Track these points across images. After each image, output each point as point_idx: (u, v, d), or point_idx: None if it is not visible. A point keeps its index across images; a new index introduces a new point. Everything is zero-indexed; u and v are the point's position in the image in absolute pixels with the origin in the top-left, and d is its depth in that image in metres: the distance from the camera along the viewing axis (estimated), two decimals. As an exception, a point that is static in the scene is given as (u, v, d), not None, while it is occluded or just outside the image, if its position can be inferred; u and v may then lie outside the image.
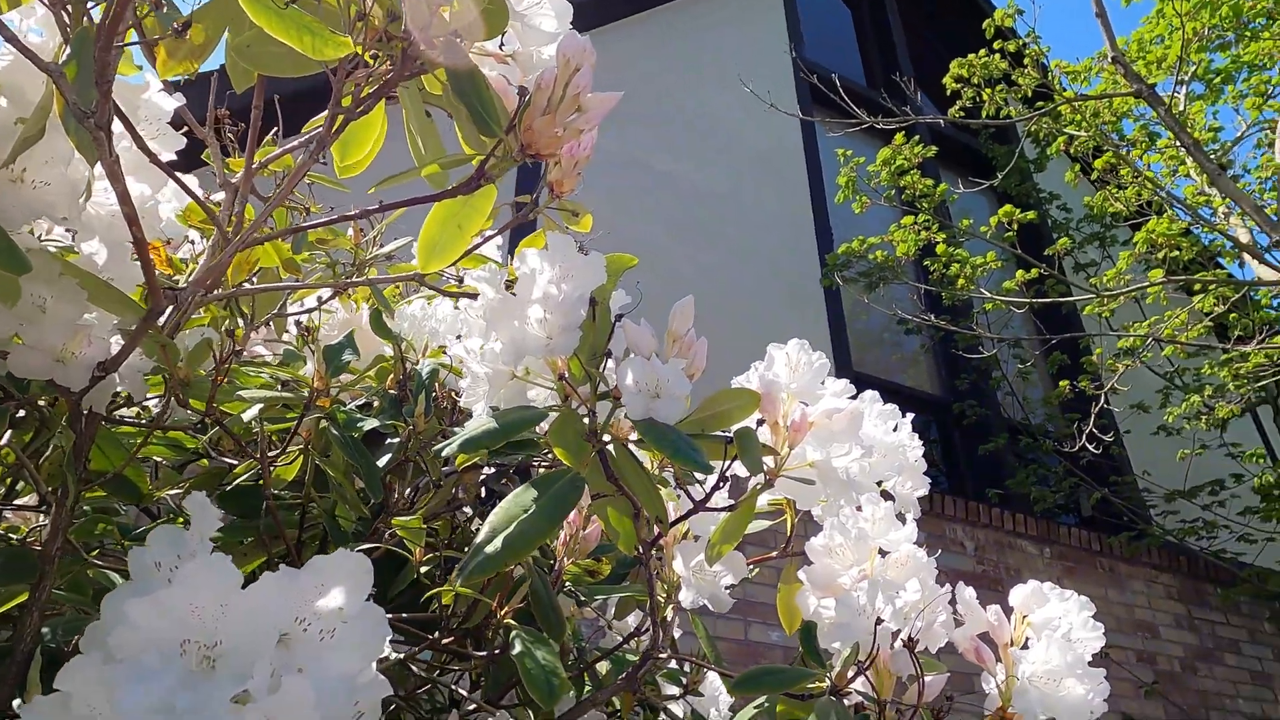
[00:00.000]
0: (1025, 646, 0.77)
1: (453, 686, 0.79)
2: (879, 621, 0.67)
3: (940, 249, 3.62)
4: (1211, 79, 4.35)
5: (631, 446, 0.75)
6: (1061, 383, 3.87)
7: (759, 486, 0.75)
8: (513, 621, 0.72)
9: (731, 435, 0.69)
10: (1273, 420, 4.58)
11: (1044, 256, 3.67)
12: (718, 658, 0.85)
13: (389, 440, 0.96)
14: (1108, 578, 4.22)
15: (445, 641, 0.73)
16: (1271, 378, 3.66)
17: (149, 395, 0.78)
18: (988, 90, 3.38)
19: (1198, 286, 3.61)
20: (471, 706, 0.73)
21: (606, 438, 0.73)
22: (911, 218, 3.61)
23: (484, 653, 0.74)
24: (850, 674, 0.68)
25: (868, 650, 0.68)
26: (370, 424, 0.81)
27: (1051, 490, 4.23)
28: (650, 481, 0.75)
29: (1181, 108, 3.98)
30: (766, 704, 0.78)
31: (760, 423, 0.74)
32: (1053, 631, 0.73)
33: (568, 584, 0.93)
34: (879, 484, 0.99)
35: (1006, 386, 4.37)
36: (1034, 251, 4.00)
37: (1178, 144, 3.32)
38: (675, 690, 0.96)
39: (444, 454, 0.65)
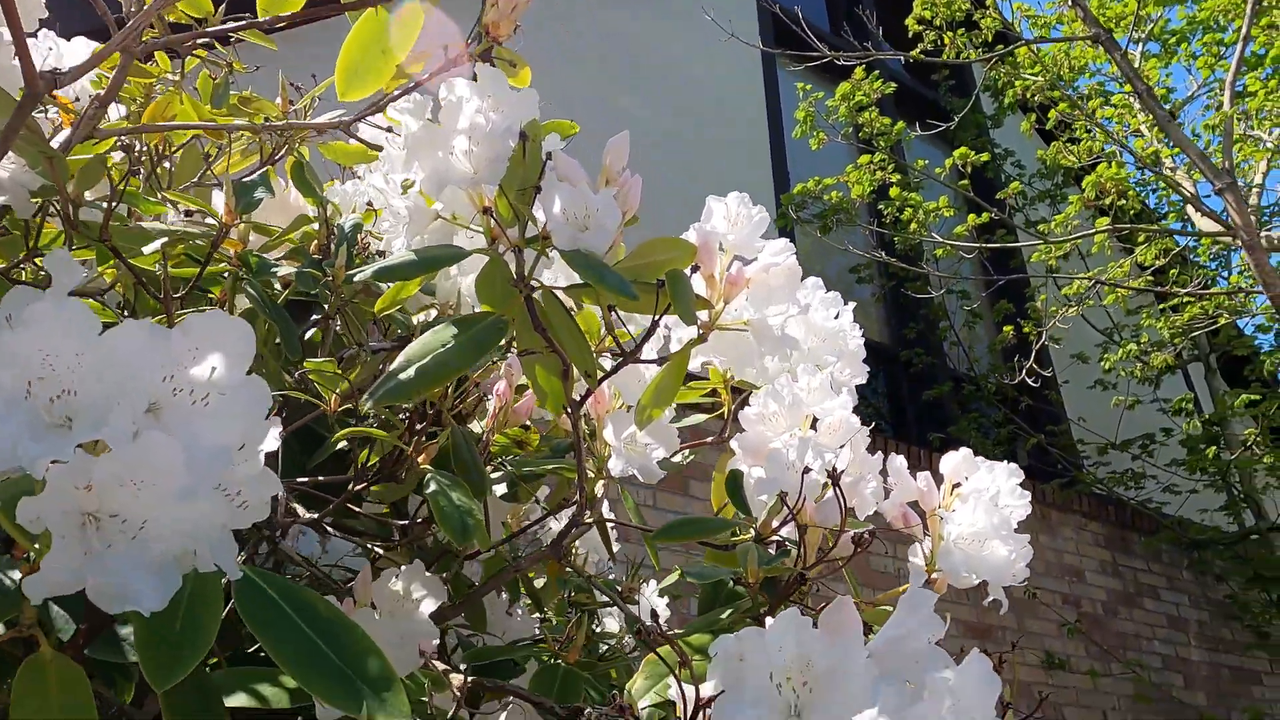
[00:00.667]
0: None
1: (372, 546, 0.76)
2: (806, 471, 0.65)
3: (894, 192, 3.62)
4: (1167, 39, 4.39)
5: (560, 296, 0.72)
6: (1006, 328, 3.94)
7: (692, 340, 0.73)
8: (429, 467, 0.69)
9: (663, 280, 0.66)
10: (1204, 378, 4.74)
11: (996, 202, 3.70)
12: (643, 523, 0.83)
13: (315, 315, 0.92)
14: (1040, 524, 4.35)
15: (359, 486, 0.70)
16: (1205, 329, 3.77)
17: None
18: (949, 34, 3.36)
19: (1141, 238, 3.68)
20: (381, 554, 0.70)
21: (535, 284, 0.70)
22: (868, 156, 3.60)
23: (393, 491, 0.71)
24: (775, 524, 0.67)
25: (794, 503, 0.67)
26: (285, 271, 0.76)
27: (992, 442, 4.33)
28: (580, 333, 0.72)
29: (1137, 64, 4.01)
30: (679, 574, 0.77)
31: (694, 271, 0.72)
32: (979, 495, 0.73)
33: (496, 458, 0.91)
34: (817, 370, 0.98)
35: (953, 336, 4.43)
36: (986, 201, 4.03)
37: (1131, 97, 3.35)
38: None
39: (356, 279, 0.61)
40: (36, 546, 0.37)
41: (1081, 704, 4.04)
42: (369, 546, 0.83)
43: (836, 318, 0.98)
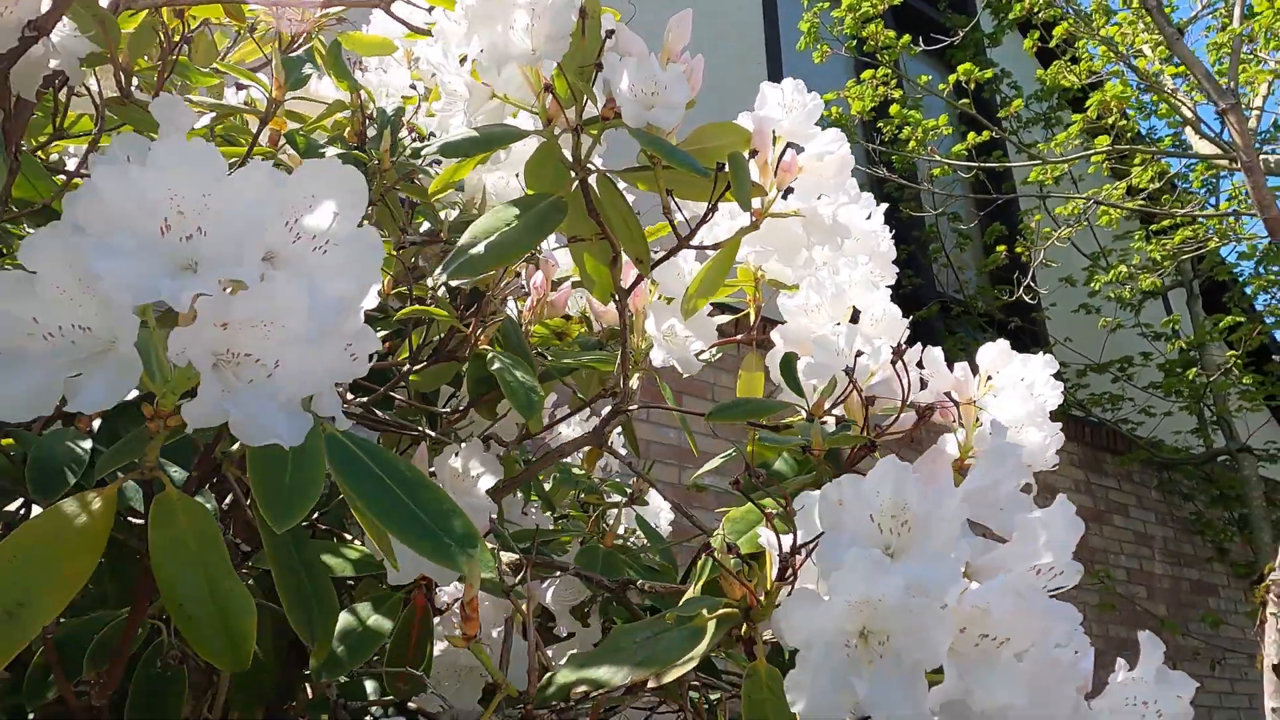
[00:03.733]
0: (987, 405, 0.79)
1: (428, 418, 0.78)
2: (859, 355, 0.67)
3: (895, 109, 3.57)
4: (1174, -44, 4.30)
5: (616, 180, 0.72)
6: (999, 248, 3.96)
7: (745, 227, 0.73)
8: (489, 347, 0.70)
9: (723, 164, 0.66)
10: (1185, 303, 4.82)
11: (995, 120, 3.67)
12: (676, 404, 0.85)
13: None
14: (1018, 444, 4.46)
15: (418, 368, 0.71)
16: (1193, 253, 3.82)
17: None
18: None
19: (1136, 160, 3.68)
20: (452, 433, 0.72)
21: (590, 168, 0.69)
22: (870, 72, 3.54)
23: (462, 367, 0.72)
24: (826, 405, 0.69)
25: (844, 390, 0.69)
26: (333, 153, 0.75)
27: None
28: (634, 219, 0.72)
29: (1143, -19, 3.93)
30: (734, 451, 0.79)
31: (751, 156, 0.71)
32: (1016, 385, 0.76)
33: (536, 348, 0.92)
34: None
35: (943, 259, 4.45)
36: (979, 125, 3.99)
37: (1135, 15, 3.30)
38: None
39: (425, 153, 0.61)
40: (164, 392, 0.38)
41: (1050, 613, 4.23)
42: (400, 436, 0.85)
43: (869, 219, 0.98)
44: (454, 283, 0.66)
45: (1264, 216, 2.54)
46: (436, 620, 0.74)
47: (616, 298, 0.76)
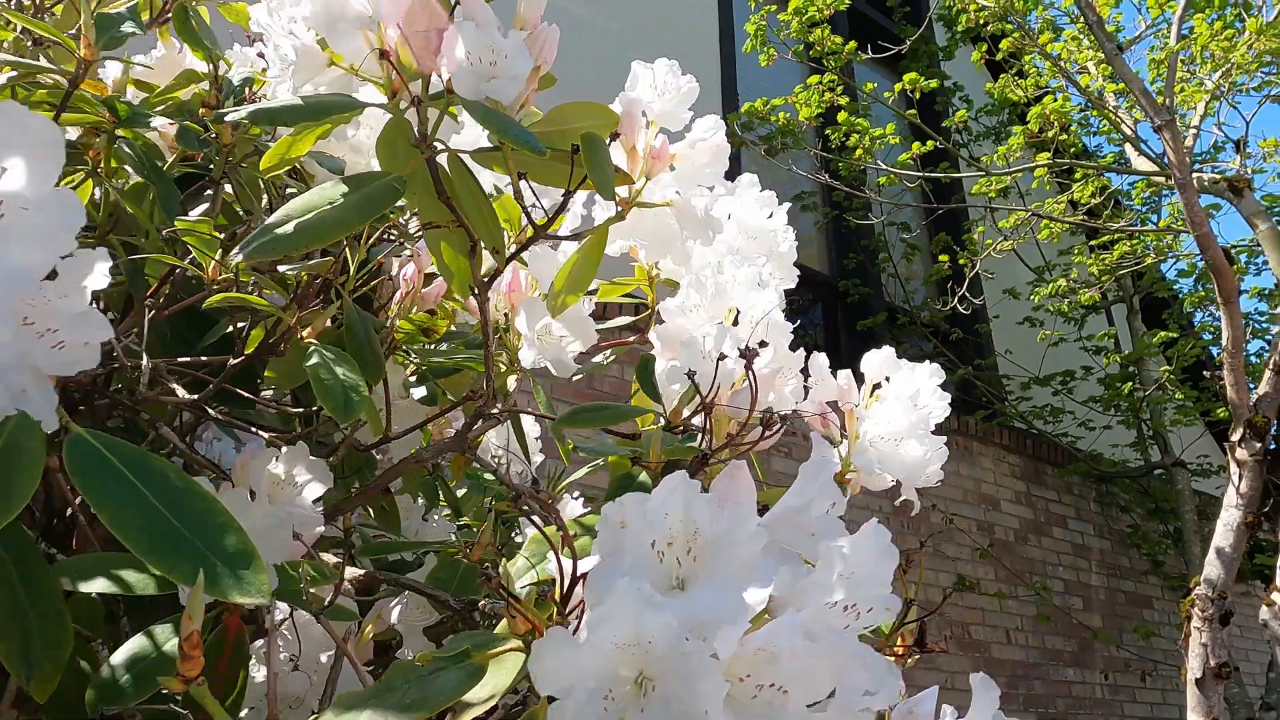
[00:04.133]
0: (873, 416, 0.74)
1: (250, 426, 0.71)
2: (722, 358, 0.62)
3: (842, 117, 3.56)
4: (1121, -24, 4.37)
5: (468, 161, 0.66)
6: (942, 257, 3.98)
7: (610, 217, 0.68)
8: (315, 341, 0.63)
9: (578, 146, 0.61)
10: (1125, 318, 4.89)
11: (941, 130, 3.68)
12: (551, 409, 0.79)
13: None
14: (961, 453, 4.49)
15: (235, 362, 0.64)
16: (1131, 269, 3.87)
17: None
18: (907, -47, 3.26)
19: (1078, 175, 3.72)
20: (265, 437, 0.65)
21: (439, 146, 0.63)
22: (817, 77, 3.53)
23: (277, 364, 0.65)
24: (686, 413, 0.64)
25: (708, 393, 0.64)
26: (160, 122, 0.68)
27: (922, 373, 4.40)
28: (488, 205, 0.66)
29: None
30: (601, 463, 0.74)
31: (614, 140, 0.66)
32: (900, 395, 0.71)
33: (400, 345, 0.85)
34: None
35: (891, 268, 4.46)
36: (928, 135, 4.00)
37: (1081, 33, 3.33)
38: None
39: (227, 119, 0.54)
40: None
41: (988, 624, 4.25)
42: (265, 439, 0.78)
43: (770, 217, 0.94)
44: (254, 262, 0.59)
45: (1195, 233, 2.56)
46: (259, 643, 0.67)
47: (476, 291, 0.70)
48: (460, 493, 1.03)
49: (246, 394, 0.75)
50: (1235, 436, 2.66)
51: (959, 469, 4.47)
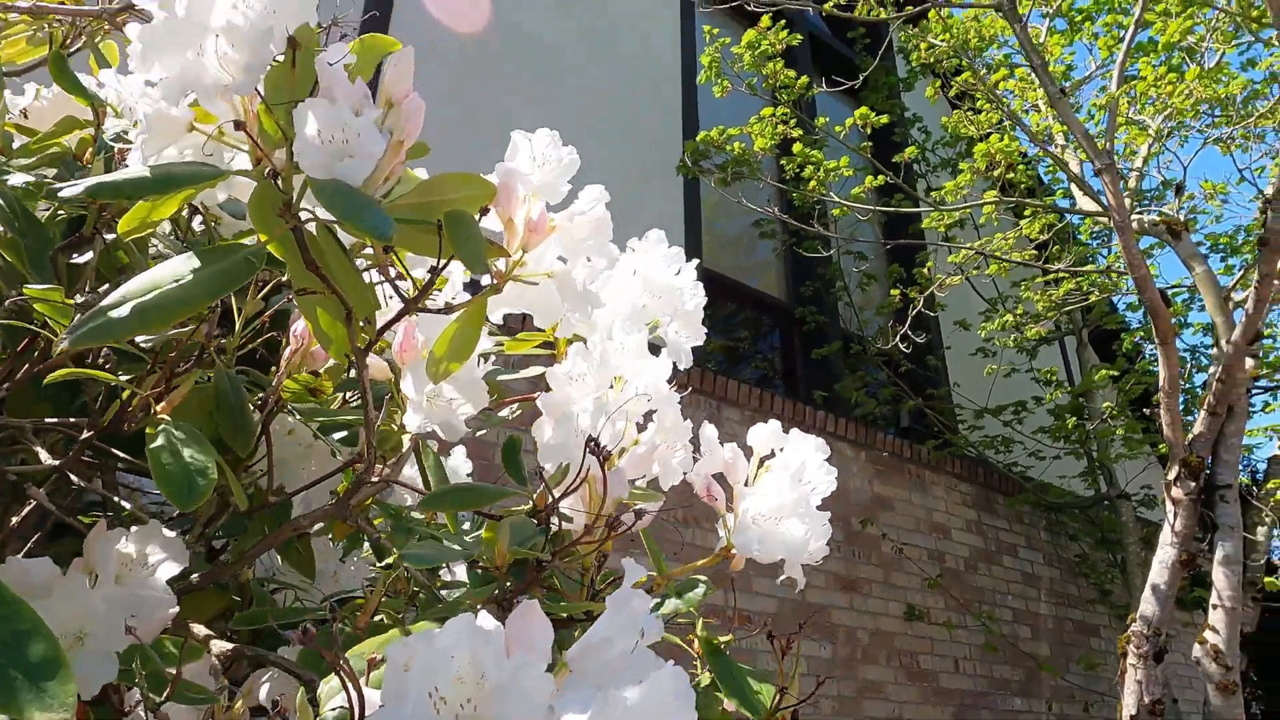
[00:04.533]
0: (761, 489, 0.73)
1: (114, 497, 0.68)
2: (591, 441, 0.60)
3: (797, 148, 3.59)
4: (1074, 16, 4.47)
5: (339, 231, 0.64)
6: (894, 290, 4.02)
7: (486, 289, 0.66)
8: (168, 418, 0.61)
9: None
10: (1075, 350, 4.97)
11: (893, 165, 3.72)
12: (441, 482, 0.77)
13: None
14: (914, 483, 4.53)
15: (84, 437, 0.61)
16: (1077, 305, 3.93)
17: None
18: (864, -12, 3.32)
19: (1027, 212, 3.78)
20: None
21: (305, 215, 0.62)
22: (771, 110, 3.56)
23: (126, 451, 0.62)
24: (555, 495, 0.62)
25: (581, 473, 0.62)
26: (16, 180, 0.66)
27: (877, 401, 4.45)
28: (357, 274, 0.65)
29: (1043, 39, 4.07)
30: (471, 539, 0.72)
31: (484, 212, 0.65)
32: (783, 470, 0.70)
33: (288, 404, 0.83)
34: (653, 327, 0.93)
35: (846, 297, 4.49)
36: (887, 165, 4.06)
37: (1030, 70, 3.40)
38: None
39: (62, 194, 0.52)
40: None
41: (937, 653, 4.27)
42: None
43: (678, 274, 0.93)
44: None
45: (1134, 275, 2.61)
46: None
47: (353, 359, 0.68)
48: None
49: (128, 456, 0.72)
50: (1171, 475, 2.71)
51: (911, 497, 4.50)
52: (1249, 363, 2.70)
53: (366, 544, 1.00)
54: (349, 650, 0.45)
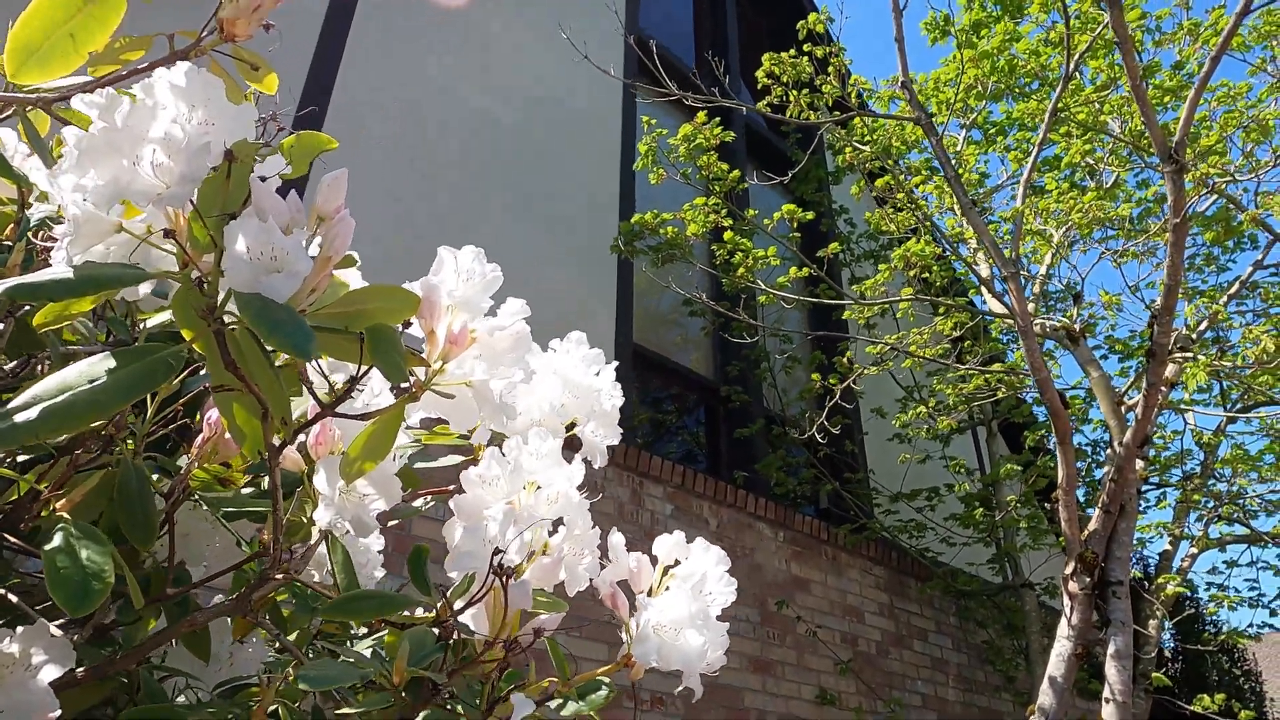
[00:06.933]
0: (664, 597, 0.76)
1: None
2: (498, 553, 0.62)
3: (728, 236, 3.73)
4: (988, 129, 4.80)
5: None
6: (814, 376, 4.15)
7: (405, 398, 0.68)
8: (67, 515, 0.60)
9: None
10: (985, 440, 5.17)
11: (816, 259, 3.89)
12: (350, 585, 0.77)
13: None
14: (830, 564, 4.59)
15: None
16: (986, 399, 4.12)
17: None
18: (794, 92, 3.51)
19: (940, 310, 3.98)
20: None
21: (228, 318, 0.63)
22: (703, 199, 3.70)
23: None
24: (459, 605, 0.63)
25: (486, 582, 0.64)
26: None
27: (797, 481, 4.53)
28: (275, 375, 0.66)
29: (959, 148, 4.35)
30: (373, 643, 0.72)
31: (407, 325, 0.67)
32: (684, 581, 0.73)
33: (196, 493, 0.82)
34: (571, 426, 0.96)
35: (770, 379, 4.61)
36: (814, 255, 4.23)
37: (946, 180, 3.64)
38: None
39: (-17, 295, 0.52)
40: None
41: (847, 738, 4.28)
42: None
43: (597, 375, 0.96)
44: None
45: (1036, 377, 2.76)
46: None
47: (266, 455, 0.69)
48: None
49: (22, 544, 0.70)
50: (1068, 570, 2.83)
51: (826, 579, 4.56)
52: (1139, 464, 2.86)
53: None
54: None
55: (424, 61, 3.81)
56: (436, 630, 0.62)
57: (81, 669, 0.74)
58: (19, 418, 0.50)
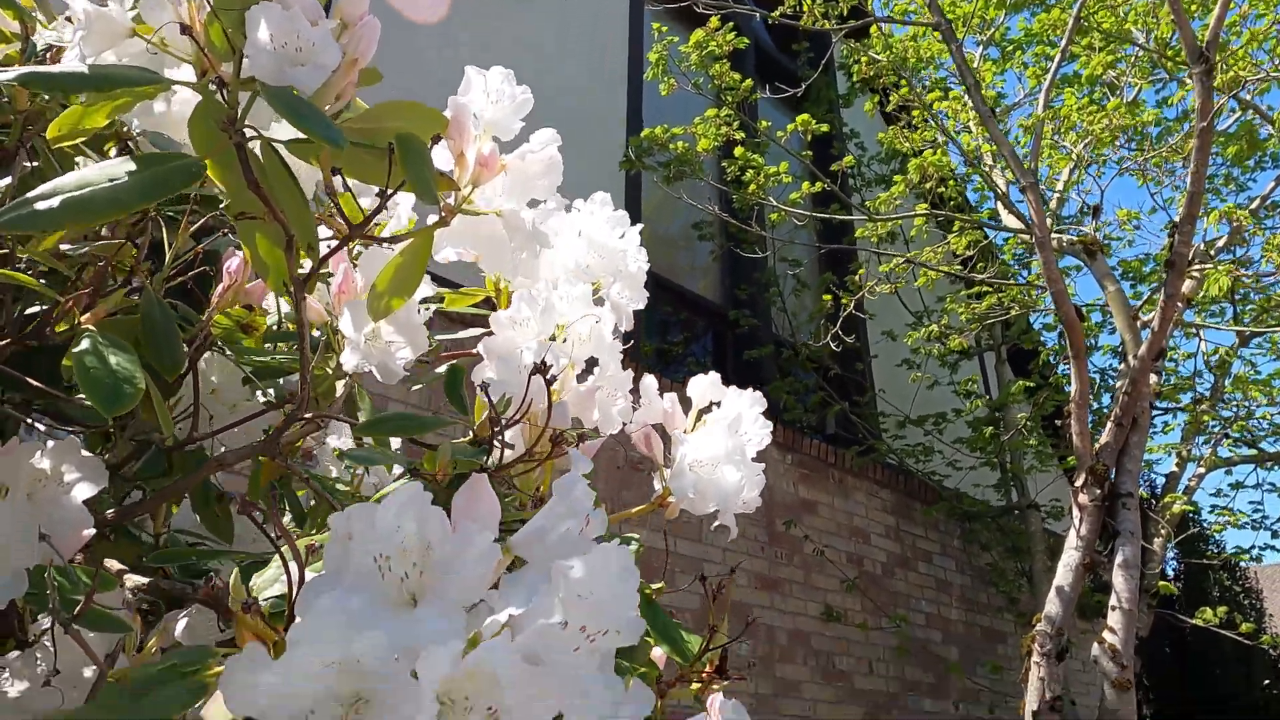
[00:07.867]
0: (698, 441, 0.75)
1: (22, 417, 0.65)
2: (536, 370, 0.61)
3: (739, 151, 3.66)
4: (1006, 46, 4.67)
5: (283, 151, 0.63)
6: (825, 296, 4.11)
7: (436, 221, 0.66)
8: (92, 328, 0.59)
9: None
10: (994, 365, 5.17)
11: (831, 174, 3.82)
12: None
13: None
14: (836, 488, 4.63)
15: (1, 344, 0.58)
16: (998, 319, 4.10)
17: None
18: (808, 1, 3.39)
19: (955, 226, 3.93)
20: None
21: (250, 132, 0.60)
22: (715, 110, 3.61)
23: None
24: (500, 419, 0.62)
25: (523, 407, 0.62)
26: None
27: (805, 408, 4.54)
28: (302, 198, 0.63)
29: (977, 64, 4.23)
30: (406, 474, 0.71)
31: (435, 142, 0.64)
32: (720, 420, 0.72)
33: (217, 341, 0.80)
34: (596, 288, 0.94)
35: (780, 302, 4.58)
36: (825, 174, 4.16)
37: (964, 91, 3.54)
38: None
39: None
40: None
41: (852, 654, 4.37)
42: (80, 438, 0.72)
43: (622, 237, 0.94)
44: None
45: (1052, 289, 2.73)
46: (14, 655, 0.61)
47: (291, 289, 0.67)
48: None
49: (36, 382, 0.69)
50: (1078, 482, 2.84)
51: (833, 502, 4.60)
52: (1153, 378, 2.85)
53: (288, 515, 0.98)
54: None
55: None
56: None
57: (112, 510, 0.73)
58: (40, 205, 0.48)
